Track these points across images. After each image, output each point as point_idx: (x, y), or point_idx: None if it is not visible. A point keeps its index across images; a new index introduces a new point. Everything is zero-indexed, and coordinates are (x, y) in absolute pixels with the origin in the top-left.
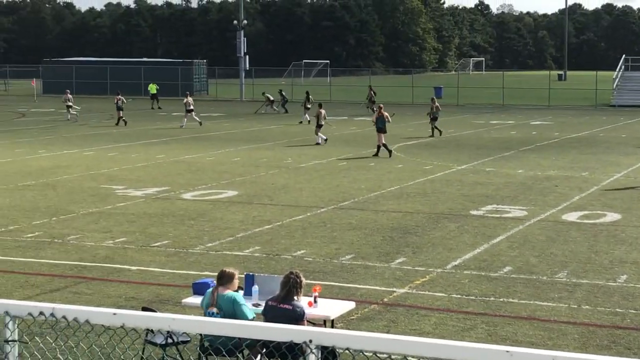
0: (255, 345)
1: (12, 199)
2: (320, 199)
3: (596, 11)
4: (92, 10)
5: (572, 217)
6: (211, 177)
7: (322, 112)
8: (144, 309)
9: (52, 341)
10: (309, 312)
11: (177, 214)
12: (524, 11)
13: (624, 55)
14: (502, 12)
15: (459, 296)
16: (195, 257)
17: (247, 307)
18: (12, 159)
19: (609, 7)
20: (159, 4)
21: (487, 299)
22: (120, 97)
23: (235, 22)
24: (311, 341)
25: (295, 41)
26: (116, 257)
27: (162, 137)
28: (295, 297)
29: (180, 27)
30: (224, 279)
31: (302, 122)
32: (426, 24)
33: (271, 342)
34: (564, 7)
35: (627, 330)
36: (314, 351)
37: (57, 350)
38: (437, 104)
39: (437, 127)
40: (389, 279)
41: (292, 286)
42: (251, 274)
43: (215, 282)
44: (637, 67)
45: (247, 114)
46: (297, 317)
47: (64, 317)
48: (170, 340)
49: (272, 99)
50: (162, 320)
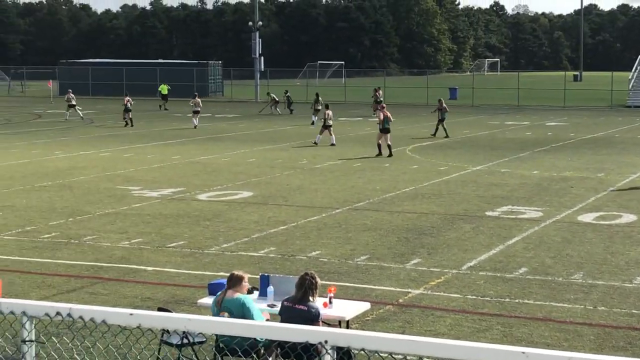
0: (270, 345)
1: (29, 200)
2: (335, 200)
3: (612, 12)
4: (108, 12)
5: (587, 218)
6: (226, 178)
7: (329, 112)
8: (160, 310)
9: (68, 341)
10: (324, 312)
11: (192, 214)
12: (539, 12)
13: (639, 55)
14: (518, 12)
15: (475, 297)
16: (210, 257)
17: (257, 310)
18: (28, 160)
19: (624, 8)
20: (175, 6)
21: (503, 300)
22: (128, 98)
23: (250, 23)
24: (327, 342)
25: (310, 42)
26: (132, 257)
27: (177, 138)
28: (310, 298)
29: (195, 28)
30: (232, 282)
31: (313, 124)
32: (441, 25)
33: (287, 342)
34: (579, 7)
35: None
36: (330, 352)
37: (74, 350)
38: (444, 105)
39: (444, 128)
40: (404, 280)
41: (307, 287)
42: (266, 274)
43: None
44: None
45: (262, 115)
46: (312, 318)
47: (81, 317)
48: (186, 340)
49: (277, 99)
50: (178, 320)
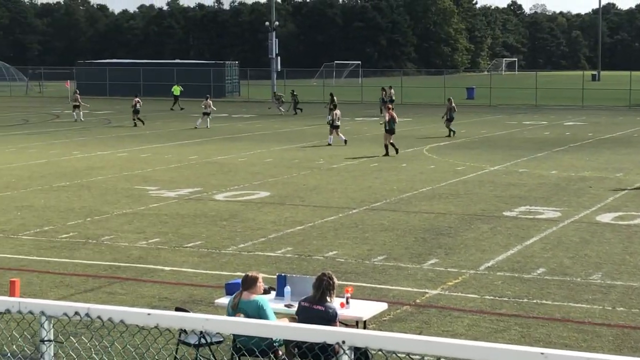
0: (287, 346)
1: (47, 200)
2: (352, 200)
3: (630, 11)
4: (125, 12)
5: (606, 218)
6: (243, 178)
7: (337, 112)
8: (177, 309)
9: (87, 341)
10: (342, 313)
11: (209, 214)
12: (557, 11)
13: None
14: (535, 12)
15: (492, 298)
16: (227, 257)
17: (273, 313)
18: (46, 160)
19: None
20: (192, 6)
21: (521, 300)
22: (138, 99)
23: (267, 23)
24: (344, 342)
25: (326, 42)
26: (149, 257)
27: (194, 138)
28: (328, 299)
29: (212, 28)
30: (247, 284)
31: (329, 124)
32: (458, 24)
33: (304, 342)
34: (597, 7)
35: None
36: (347, 352)
37: (92, 350)
38: (453, 105)
39: (450, 128)
40: (421, 280)
41: (325, 288)
42: (283, 274)
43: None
44: None
45: (278, 115)
46: (329, 318)
47: (99, 317)
48: (203, 340)
49: (283, 99)
50: (196, 320)
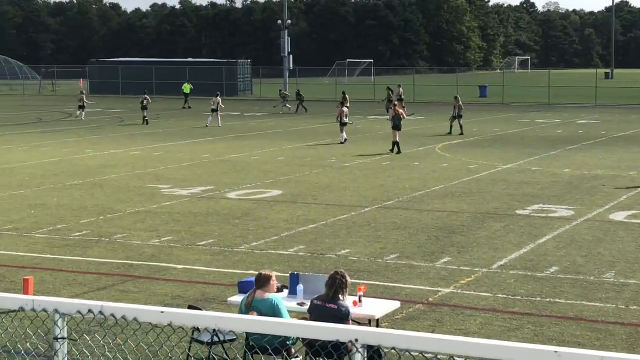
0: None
1: (60, 198)
2: (364, 199)
3: None
4: (138, 11)
5: (619, 216)
6: (256, 176)
7: (345, 110)
8: (190, 308)
9: (100, 339)
10: (354, 311)
11: (222, 213)
12: (570, 9)
13: None
14: (548, 10)
15: (505, 296)
16: (240, 256)
17: (288, 313)
18: (59, 159)
19: None
20: (204, 5)
21: (534, 299)
22: (146, 96)
23: (279, 22)
24: (357, 340)
25: (339, 40)
26: (162, 255)
27: (207, 136)
28: (341, 297)
29: (224, 27)
30: (261, 282)
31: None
32: (471, 23)
33: (317, 341)
34: (610, 4)
35: None
36: (360, 350)
37: (106, 347)
38: (460, 103)
39: (451, 125)
40: (434, 279)
41: (338, 286)
42: (296, 273)
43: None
44: None
45: (290, 114)
46: (342, 317)
47: (113, 315)
48: (216, 338)
49: (288, 97)
50: (209, 318)
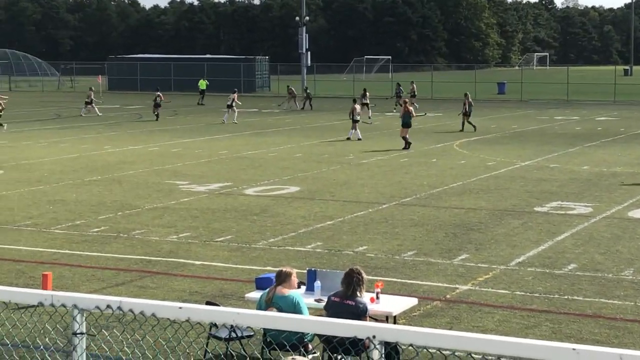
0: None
1: (79, 194)
2: (382, 195)
3: None
4: (156, 7)
5: (638, 214)
6: (273, 172)
7: (357, 107)
8: (208, 304)
9: (118, 334)
10: (372, 308)
11: (239, 209)
12: (589, 5)
13: None
14: (567, 6)
15: (523, 293)
16: (257, 252)
17: (307, 310)
18: (78, 155)
19: None
20: (222, 1)
21: (552, 296)
22: (159, 93)
23: (297, 18)
24: (374, 337)
25: (357, 37)
26: (180, 251)
27: (225, 132)
28: (358, 294)
29: (242, 23)
30: (282, 278)
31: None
32: (489, 19)
33: (334, 337)
34: (629, 1)
35: None
36: (377, 347)
37: (124, 343)
38: (470, 100)
39: (470, 123)
40: (451, 276)
41: (355, 283)
42: (313, 269)
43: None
44: None
45: (307, 110)
46: (360, 313)
47: (131, 310)
48: (234, 334)
49: (295, 94)
50: (227, 314)
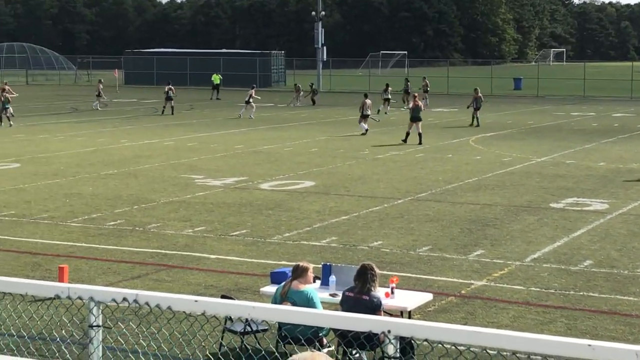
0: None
1: (95, 188)
2: (397, 190)
3: None
4: (172, 2)
5: None
6: (289, 167)
7: (368, 102)
8: (223, 297)
9: (134, 327)
10: (386, 303)
11: (255, 203)
12: (606, 1)
13: None
14: (584, 2)
15: (538, 289)
16: (272, 246)
17: (321, 306)
18: (95, 148)
19: None
20: None
21: (567, 292)
22: (171, 87)
23: (313, 13)
24: (390, 331)
25: (372, 32)
26: (196, 245)
27: (240, 127)
28: (372, 288)
29: (258, 18)
30: (298, 273)
31: (379, 112)
32: (506, 15)
33: (349, 332)
34: None
35: None
36: (393, 341)
37: (140, 335)
38: (480, 95)
39: (477, 117)
40: (466, 271)
41: (369, 279)
42: (328, 264)
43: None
44: None
45: (324, 105)
46: (374, 308)
47: (147, 303)
48: (249, 328)
49: (301, 90)
50: (242, 308)
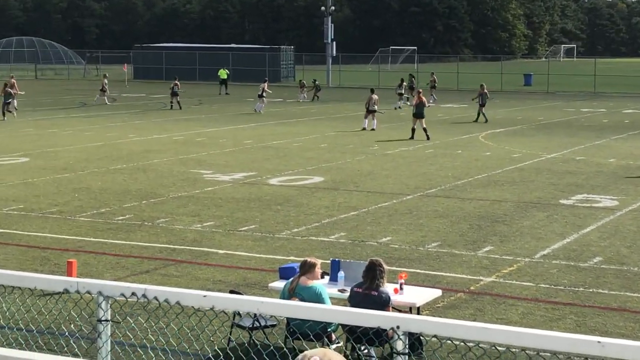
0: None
1: (104, 182)
2: (406, 186)
3: None
4: None
5: None
6: (298, 162)
7: (374, 97)
8: (232, 292)
9: (143, 322)
10: (395, 298)
11: (263, 199)
12: None
13: None
14: None
15: (547, 286)
16: (281, 242)
17: (330, 302)
18: (103, 143)
19: None
20: None
21: (576, 289)
22: (177, 82)
23: (322, 8)
24: (399, 327)
25: (382, 27)
26: (204, 240)
27: (250, 122)
28: (380, 284)
29: (267, 13)
30: (306, 268)
31: (396, 108)
32: (516, 10)
33: (358, 327)
34: None
35: None
36: (402, 337)
37: (148, 330)
38: (486, 90)
39: (484, 113)
40: (475, 268)
41: (377, 274)
42: (337, 259)
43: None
44: None
45: (334, 100)
46: (383, 303)
47: (156, 298)
48: (257, 323)
49: (305, 86)
50: (251, 303)
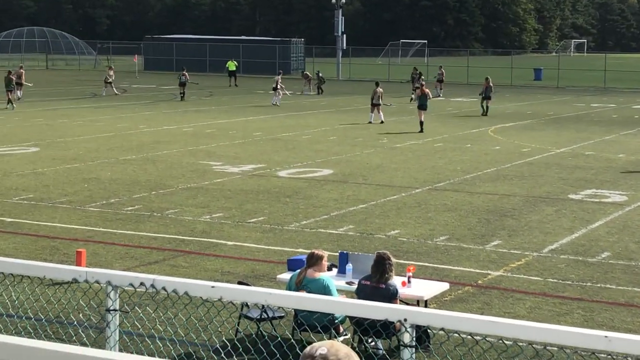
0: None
1: (114, 173)
2: (415, 180)
3: None
4: None
5: None
6: (307, 155)
7: (379, 90)
8: (240, 284)
9: (151, 311)
10: (403, 291)
11: (272, 191)
12: None
13: None
14: None
15: (555, 280)
16: (290, 234)
17: (337, 294)
18: (114, 134)
19: None
20: None
21: (584, 284)
22: (185, 73)
23: (333, 1)
24: (406, 320)
25: (392, 20)
26: (213, 231)
27: (259, 114)
28: (389, 278)
29: (278, 5)
30: (313, 261)
31: (411, 100)
32: (527, 5)
33: (365, 319)
34: None
35: None
36: (409, 330)
37: (157, 320)
38: (491, 84)
39: (487, 106)
40: (483, 261)
41: (386, 267)
42: (345, 252)
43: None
44: None
45: (344, 93)
46: (390, 296)
47: (164, 288)
48: (265, 315)
49: (311, 78)
50: (259, 294)
